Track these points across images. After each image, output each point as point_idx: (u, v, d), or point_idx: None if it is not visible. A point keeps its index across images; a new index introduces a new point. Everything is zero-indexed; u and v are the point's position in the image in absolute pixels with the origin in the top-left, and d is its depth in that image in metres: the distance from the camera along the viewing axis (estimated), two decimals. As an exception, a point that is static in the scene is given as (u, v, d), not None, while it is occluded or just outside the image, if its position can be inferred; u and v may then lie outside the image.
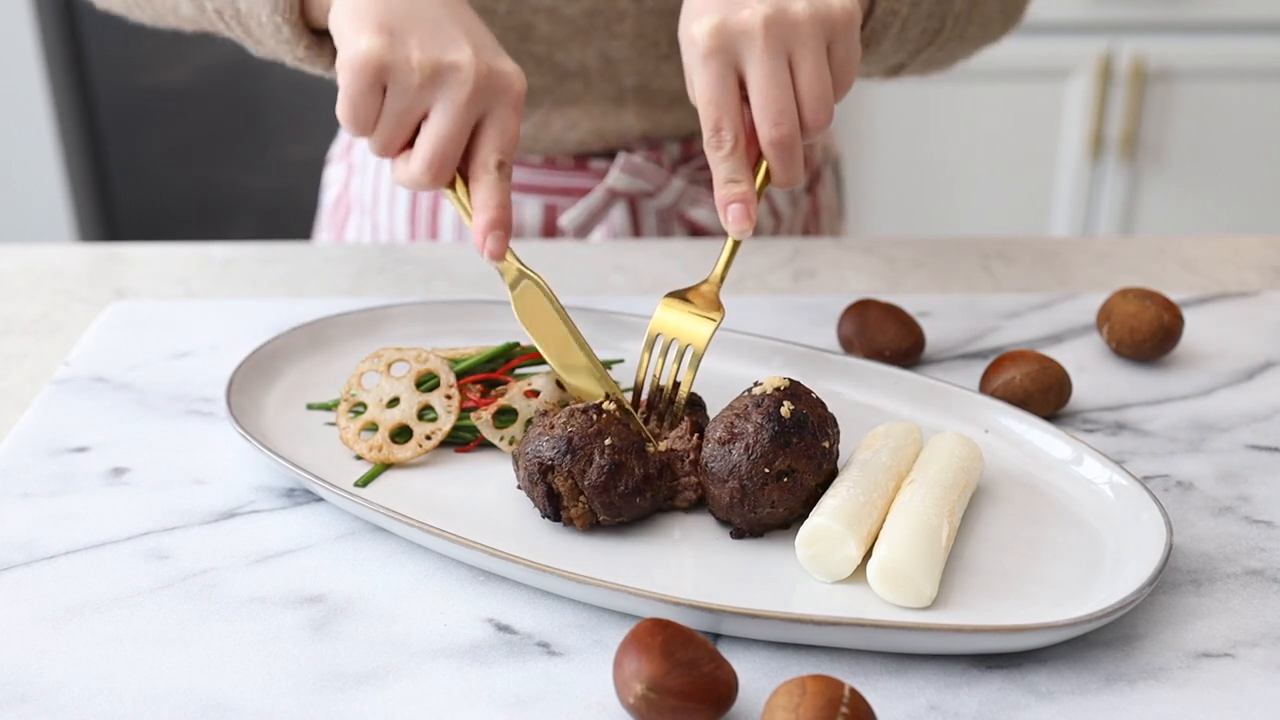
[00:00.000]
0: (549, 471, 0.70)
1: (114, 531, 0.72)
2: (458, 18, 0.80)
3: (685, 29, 0.78)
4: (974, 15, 1.02)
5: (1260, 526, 0.73)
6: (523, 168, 1.16)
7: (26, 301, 1.04)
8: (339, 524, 0.73)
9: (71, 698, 0.60)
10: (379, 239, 1.25)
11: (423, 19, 0.79)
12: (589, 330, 0.91)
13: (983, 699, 0.60)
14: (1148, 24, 2.46)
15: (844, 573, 0.67)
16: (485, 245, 0.78)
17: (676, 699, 0.56)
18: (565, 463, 0.70)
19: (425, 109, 0.79)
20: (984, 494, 0.75)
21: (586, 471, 0.70)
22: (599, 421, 0.71)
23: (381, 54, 0.77)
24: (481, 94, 0.78)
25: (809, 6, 0.76)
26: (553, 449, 0.70)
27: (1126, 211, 2.61)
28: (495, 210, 0.78)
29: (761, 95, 0.76)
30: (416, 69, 0.77)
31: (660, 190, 1.16)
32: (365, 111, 0.78)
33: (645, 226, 1.19)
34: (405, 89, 0.77)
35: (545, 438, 0.71)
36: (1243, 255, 1.14)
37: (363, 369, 0.81)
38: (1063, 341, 0.95)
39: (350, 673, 0.62)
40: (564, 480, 0.70)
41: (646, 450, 0.72)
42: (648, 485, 0.71)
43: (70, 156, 2.64)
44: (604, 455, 0.70)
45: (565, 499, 0.70)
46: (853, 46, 0.79)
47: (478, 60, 0.78)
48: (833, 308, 0.99)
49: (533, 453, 0.71)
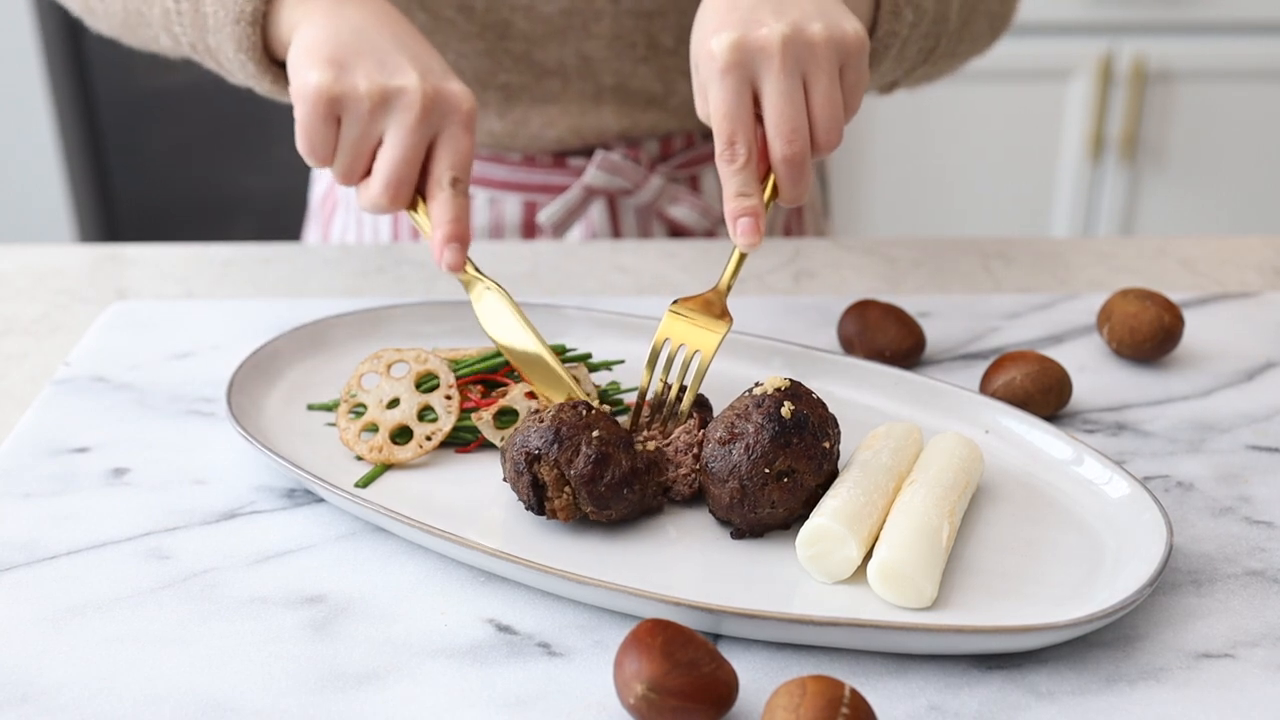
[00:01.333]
0: (535, 461, 0.70)
1: (114, 532, 0.72)
2: (404, 46, 0.84)
3: (701, 43, 0.79)
4: (965, 33, 1.04)
5: (1260, 527, 0.73)
6: (502, 165, 1.17)
7: (27, 301, 1.04)
8: (339, 524, 0.73)
9: (72, 698, 0.60)
10: (364, 236, 1.26)
11: (370, 50, 0.82)
12: (589, 330, 0.91)
13: (983, 699, 0.60)
14: (1148, 24, 2.46)
15: (844, 573, 0.67)
16: (443, 258, 0.81)
17: (677, 699, 0.56)
18: (552, 452, 0.70)
19: (379, 135, 0.82)
20: (984, 494, 0.75)
21: (573, 461, 0.70)
22: (588, 416, 0.71)
23: (331, 86, 0.80)
24: (430, 115, 0.81)
25: (825, 29, 0.78)
26: (540, 439, 0.70)
27: (1127, 212, 2.61)
28: (451, 225, 0.81)
29: (777, 113, 0.77)
30: (366, 97, 0.80)
31: (639, 188, 1.17)
32: (321, 142, 0.82)
33: (624, 224, 1.19)
34: (357, 117, 0.81)
35: (533, 428, 0.71)
36: (1243, 255, 1.14)
37: (362, 370, 0.81)
38: (1063, 342, 0.95)
39: (351, 673, 0.62)
40: (550, 470, 0.70)
41: (634, 446, 0.72)
42: (634, 479, 0.70)
43: (71, 156, 2.64)
44: (591, 446, 0.70)
45: (550, 489, 0.70)
46: (863, 71, 0.80)
47: (424, 83, 0.81)
48: (833, 308, 0.99)
49: (520, 443, 0.71)
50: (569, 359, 0.85)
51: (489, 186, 1.18)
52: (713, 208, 1.21)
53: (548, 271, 1.09)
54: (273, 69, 0.92)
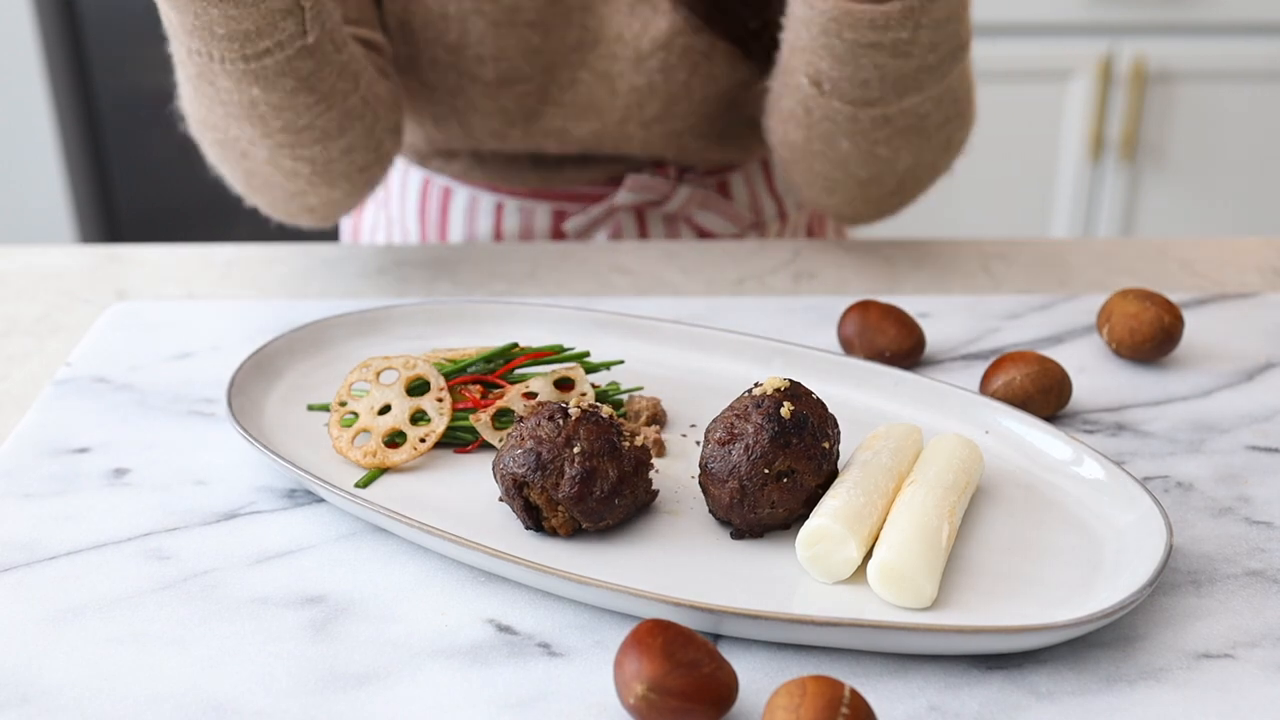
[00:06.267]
0: (523, 486, 0.70)
1: (115, 532, 0.72)
2: None
3: None
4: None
5: (1260, 527, 0.73)
6: (536, 170, 1.18)
7: (28, 302, 1.04)
8: (340, 525, 0.73)
9: (72, 698, 0.60)
10: (393, 234, 1.27)
11: None
12: (589, 330, 0.91)
13: (983, 700, 0.60)
14: (1148, 25, 2.46)
15: (844, 573, 0.67)
16: None
17: (677, 700, 0.56)
18: (536, 479, 0.69)
19: None
20: (984, 495, 0.75)
21: (559, 484, 0.69)
22: (566, 427, 0.70)
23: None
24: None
25: None
26: (522, 465, 0.69)
27: (1127, 212, 2.61)
28: None
29: None
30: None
31: (667, 199, 1.19)
32: None
33: (652, 231, 1.20)
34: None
35: (516, 450, 0.70)
36: (1243, 256, 1.14)
37: (352, 379, 0.81)
38: (1063, 342, 0.95)
39: (351, 673, 0.62)
40: (539, 494, 0.70)
41: (620, 447, 0.70)
42: (624, 485, 0.70)
43: (72, 157, 2.64)
44: (574, 465, 0.69)
45: (544, 510, 0.70)
46: None
47: None
48: (833, 308, 0.99)
49: (506, 469, 0.70)
50: (567, 358, 0.85)
51: (517, 196, 1.20)
52: (742, 214, 1.22)
53: (547, 272, 1.09)
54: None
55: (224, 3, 0.85)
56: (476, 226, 1.22)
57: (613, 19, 1.09)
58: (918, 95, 0.97)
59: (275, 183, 1.00)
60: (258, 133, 0.95)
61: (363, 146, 0.99)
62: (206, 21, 0.86)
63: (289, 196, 1.01)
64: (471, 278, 1.08)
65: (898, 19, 0.91)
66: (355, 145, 0.99)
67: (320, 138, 0.96)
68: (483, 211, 1.22)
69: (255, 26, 0.87)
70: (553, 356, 0.85)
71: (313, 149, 0.96)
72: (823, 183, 1.06)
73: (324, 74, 0.93)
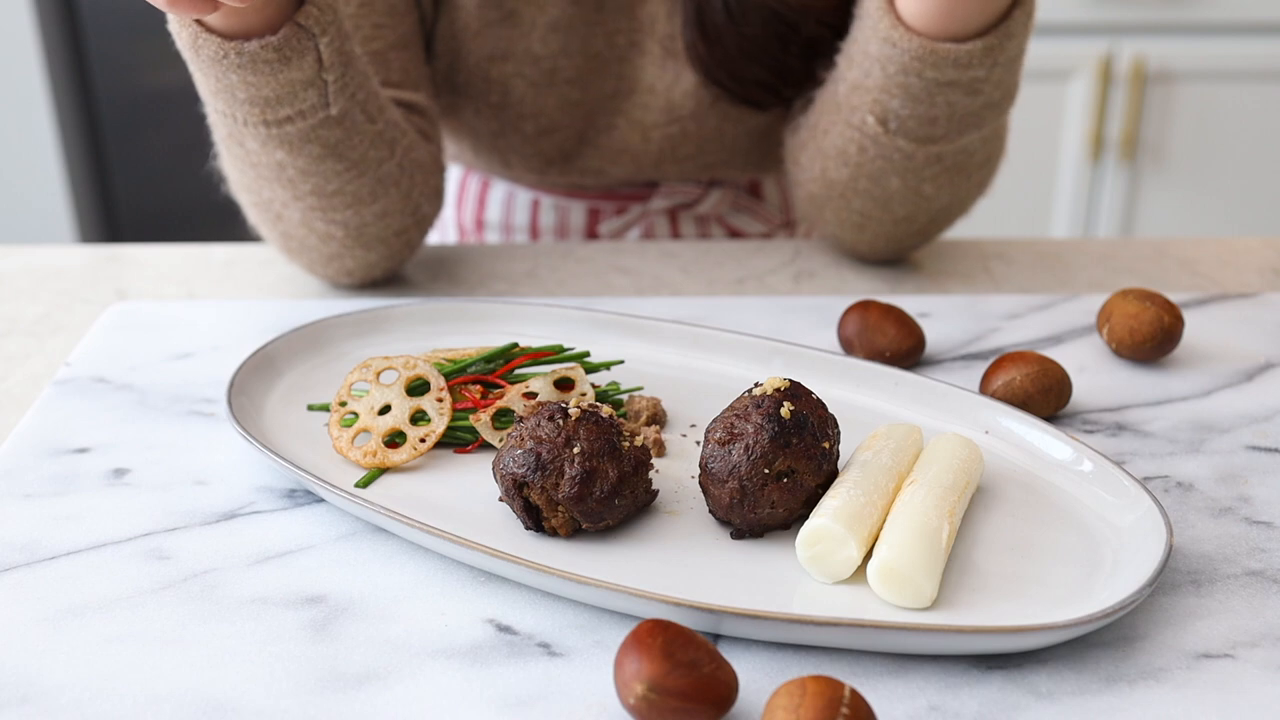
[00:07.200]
0: (523, 486, 0.70)
1: (115, 532, 0.72)
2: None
3: None
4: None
5: (1260, 527, 0.73)
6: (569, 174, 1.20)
7: (28, 302, 1.04)
8: (340, 525, 0.73)
9: (72, 698, 0.60)
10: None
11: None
12: (589, 330, 0.91)
13: (983, 699, 0.60)
14: (1148, 25, 2.46)
15: (844, 573, 0.67)
16: None
17: (677, 699, 0.56)
18: (536, 479, 0.69)
19: None
20: (984, 495, 0.75)
21: (559, 485, 0.69)
22: (566, 427, 0.70)
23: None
24: None
25: None
26: (522, 466, 0.69)
27: (1127, 212, 2.61)
28: None
29: None
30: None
31: (699, 201, 1.21)
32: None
33: (684, 231, 1.24)
34: None
35: (516, 451, 0.70)
36: (1243, 256, 1.14)
37: (352, 379, 0.81)
38: (1063, 342, 0.95)
39: (351, 673, 0.62)
40: (539, 495, 0.70)
41: (620, 447, 0.70)
42: (623, 485, 0.70)
43: (71, 157, 2.64)
44: (574, 465, 0.69)
45: (544, 511, 0.70)
46: None
47: None
48: (833, 308, 0.99)
49: (505, 470, 0.70)
50: (567, 358, 0.85)
51: (554, 194, 1.22)
52: (774, 215, 1.24)
53: (548, 272, 1.09)
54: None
55: (241, 69, 0.84)
56: (513, 219, 1.24)
57: (646, 70, 1.11)
58: (975, 133, 0.97)
59: (311, 245, 0.99)
60: (289, 195, 0.94)
61: (399, 211, 0.98)
62: (228, 85, 0.86)
63: (325, 260, 1.00)
64: (471, 278, 1.08)
65: (979, 57, 0.90)
66: (390, 210, 0.97)
67: (352, 203, 0.95)
68: (520, 205, 1.24)
69: (275, 94, 0.86)
70: (553, 356, 0.85)
71: (344, 213, 0.95)
72: (857, 219, 1.04)
73: (353, 142, 0.92)
